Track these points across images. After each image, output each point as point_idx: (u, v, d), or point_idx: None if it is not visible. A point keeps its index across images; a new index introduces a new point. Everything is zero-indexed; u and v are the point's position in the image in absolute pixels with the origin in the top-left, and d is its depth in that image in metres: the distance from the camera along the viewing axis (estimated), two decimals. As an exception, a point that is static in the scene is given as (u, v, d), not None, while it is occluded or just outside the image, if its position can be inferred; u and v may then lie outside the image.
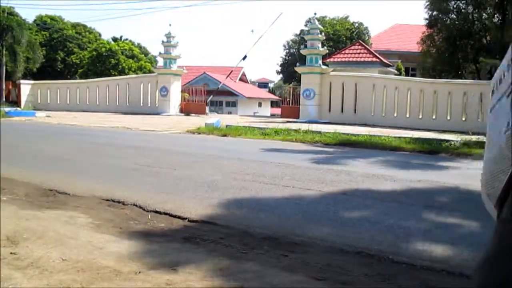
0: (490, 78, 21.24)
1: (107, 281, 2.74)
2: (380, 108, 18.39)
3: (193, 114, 22.96)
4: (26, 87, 26.34)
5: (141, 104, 24.22)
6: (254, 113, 35.01)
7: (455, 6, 22.19)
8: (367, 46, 25.66)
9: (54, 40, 38.67)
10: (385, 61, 23.77)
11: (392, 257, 3.29)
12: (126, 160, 7.99)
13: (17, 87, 26.77)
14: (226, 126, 14.79)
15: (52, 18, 40.62)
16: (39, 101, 25.97)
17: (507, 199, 0.64)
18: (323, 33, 21.87)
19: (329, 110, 19.66)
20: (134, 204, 4.69)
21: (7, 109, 21.19)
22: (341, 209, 4.79)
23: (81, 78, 32.76)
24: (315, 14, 22.14)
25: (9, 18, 28.69)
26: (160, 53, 24.34)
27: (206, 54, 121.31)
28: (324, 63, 21.56)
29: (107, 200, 4.88)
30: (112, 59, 35.42)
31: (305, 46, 21.01)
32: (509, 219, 0.62)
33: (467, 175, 7.32)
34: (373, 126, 16.34)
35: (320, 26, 21.70)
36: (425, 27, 23.09)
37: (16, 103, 26.08)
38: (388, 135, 12.19)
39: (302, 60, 21.64)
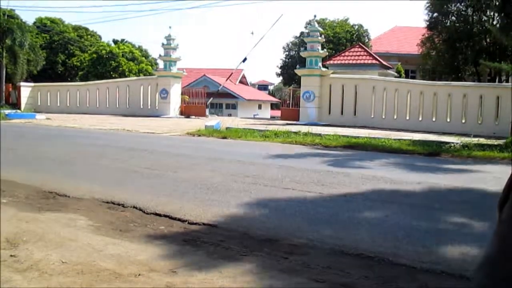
0: (490, 81, 21.29)
1: (107, 284, 2.74)
2: (380, 110, 18.39)
3: (193, 116, 22.94)
4: (26, 89, 26.33)
5: (141, 107, 24.22)
6: (254, 115, 34.94)
7: (455, 8, 22.21)
8: (367, 49, 25.64)
9: (55, 43, 38.66)
10: (385, 63, 23.76)
11: (392, 259, 3.29)
12: (126, 162, 7.99)
13: (17, 89, 26.78)
14: (226, 128, 14.79)
15: (52, 21, 40.57)
16: (39, 104, 25.97)
17: (507, 201, 0.65)
18: (323, 36, 21.86)
19: (329, 112, 19.66)
20: (134, 207, 4.69)
21: (7, 111, 21.19)
22: (341, 211, 4.78)
23: (81, 80, 32.72)
24: (315, 16, 22.17)
25: (10, 21, 28.67)
26: (160, 55, 24.36)
27: (206, 56, 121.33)
28: (324, 66, 21.55)
29: (107, 202, 4.88)
30: (113, 62, 35.43)
31: (305, 48, 21.01)
32: (509, 220, 0.62)
33: (467, 177, 7.32)
34: (373, 128, 16.35)
35: (320, 29, 21.69)
36: (425, 29, 23.09)
37: (16, 105, 26.08)
38: (388, 138, 12.18)
39: (302, 62, 21.63)
